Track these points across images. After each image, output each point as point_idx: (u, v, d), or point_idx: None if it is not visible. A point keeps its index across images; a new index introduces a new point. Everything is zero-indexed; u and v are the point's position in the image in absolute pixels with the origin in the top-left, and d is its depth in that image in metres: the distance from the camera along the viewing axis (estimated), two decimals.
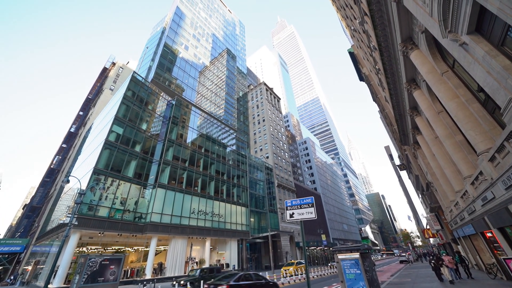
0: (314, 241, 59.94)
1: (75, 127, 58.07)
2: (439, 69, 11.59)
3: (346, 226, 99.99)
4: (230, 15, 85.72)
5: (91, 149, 30.63)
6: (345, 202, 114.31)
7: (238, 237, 37.05)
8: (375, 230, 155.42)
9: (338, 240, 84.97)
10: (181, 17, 55.81)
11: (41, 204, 47.74)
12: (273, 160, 59.63)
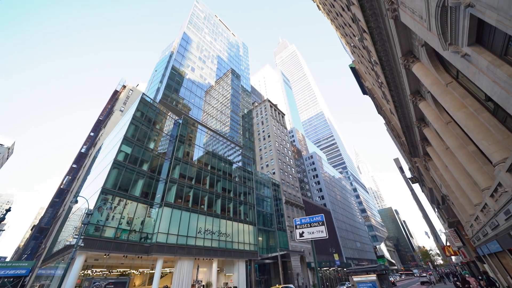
0: (326, 261, 56.86)
1: (86, 148, 59.71)
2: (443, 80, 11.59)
3: (359, 244, 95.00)
4: (234, 38, 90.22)
5: (100, 169, 31.14)
6: (357, 218, 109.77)
7: (246, 257, 35.57)
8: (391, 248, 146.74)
9: (351, 259, 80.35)
10: (188, 41, 59.08)
11: (49, 225, 47.82)
12: (280, 176, 58.85)
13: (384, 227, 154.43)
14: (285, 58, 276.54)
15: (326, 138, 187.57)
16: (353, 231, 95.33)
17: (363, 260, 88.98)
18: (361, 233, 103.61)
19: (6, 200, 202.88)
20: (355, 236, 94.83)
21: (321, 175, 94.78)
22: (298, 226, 9.06)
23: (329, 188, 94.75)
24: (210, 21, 78.48)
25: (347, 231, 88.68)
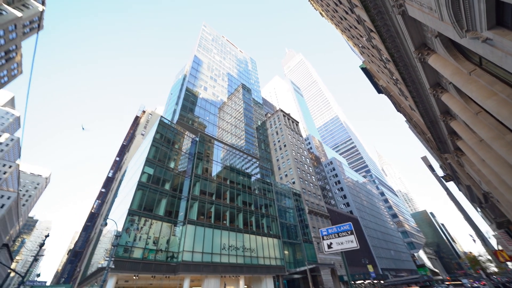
0: (359, 273, 52.94)
1: (112, 172, 63.35)
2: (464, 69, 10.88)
3: (394, 252, 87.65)
4: (242, 54, 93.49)
5: (126, 191, 32.65)
6: (388, 224, 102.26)
7: (273, 273, 34.26)
8: (431, 255, 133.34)
9: (388, 270, 73.99)
10: (199, 63, 62.24)
11: (83, 249, 50.29)
12: (300, 185, 57.38)
13: (421, 232, 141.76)
14: (293, 67, 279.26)
15: (345, 142, 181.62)
16: (386, 239, 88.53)
17: (401, 271, 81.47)
18: (395, 241, 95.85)
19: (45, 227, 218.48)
20: (389, 244, 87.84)
21: (344, 181, 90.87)
22: (325, 237, 8.55)
23: (354, 194, 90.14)
24: (218, 41, 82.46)
25: (379, 240, 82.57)
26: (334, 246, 8.27)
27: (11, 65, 47.21)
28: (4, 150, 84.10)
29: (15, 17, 41.76)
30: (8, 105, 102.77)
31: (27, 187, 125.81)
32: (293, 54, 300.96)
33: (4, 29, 40.51)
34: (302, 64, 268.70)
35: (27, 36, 50.26)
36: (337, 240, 8.21)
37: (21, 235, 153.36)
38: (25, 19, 46.34)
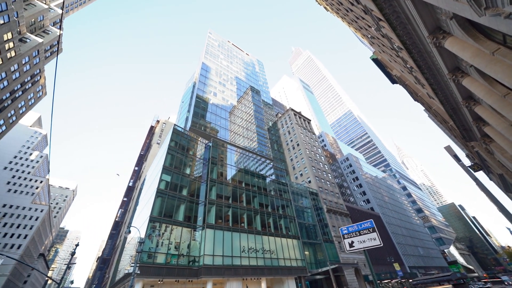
0: (385, 272, 50.73)
1: (132, 181, 66.00)
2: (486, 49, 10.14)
3: (422, 249, 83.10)
4: (248, 57, 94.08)
5: (146, 199, 33.85)
6: (413, 220, 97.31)
7: (295, 274, 33.78)
8: (464, 251, 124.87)
9: (416, 268, 70.27)
10: (207, 70, 63.45)
11: (110, 256, 52.67)
12: (316, 183, 56.32)
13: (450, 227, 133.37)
14: (301, 65, 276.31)
15: (360, 136, 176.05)
16: (412, 235, 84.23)
17: (431, 268, 76.97)
18: (422, 237, 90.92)
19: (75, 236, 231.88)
20: (416, 241, 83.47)
21: (362, 177, 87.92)
22: (346, 236, 8.24)
23: (374, 190, 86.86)
24: (224, 47, 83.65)
25: (404, 236, 78.76)
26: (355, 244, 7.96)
27: (36, 87, 51.00)
28: (35, 167, 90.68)
29: (37, 44, 45.15)
30: (35, 125, 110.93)
31: (57, 200, 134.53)
32: (300, 52, 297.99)
33: (29, 56, 43.94)
34: (310, 61, 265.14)
35: (48, 60, 54.09)
36: (358, 238, 7.88)
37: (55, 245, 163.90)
38: (46, 44, 49.93)
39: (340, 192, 70.57)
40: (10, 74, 40.81)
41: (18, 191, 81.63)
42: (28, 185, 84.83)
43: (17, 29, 40.34)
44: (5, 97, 42.05)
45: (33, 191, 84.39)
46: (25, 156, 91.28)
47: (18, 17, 40.59)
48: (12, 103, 44.69)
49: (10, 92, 42.69)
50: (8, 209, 75.99)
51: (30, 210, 79.57)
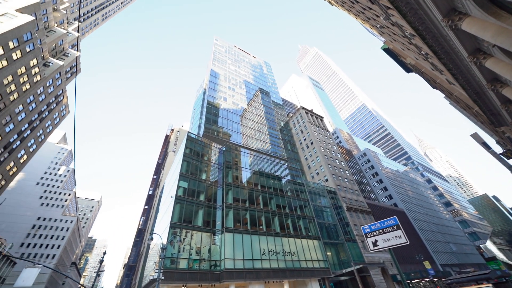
0: (415, 271, 48.02)
1: (152, 190, 68.33)
2: (510, 26, 9.38)
3: (454, 246, 77.81)
4: (255, 59, 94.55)
5: (165, 206, 34.84)
6: (441, 214, 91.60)
7: (318, 276, 32.98)
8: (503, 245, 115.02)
9: (449, 266, 65.85)
10: (216, 76, 64.57)
11: (136, 263, 54.67)
12: (334, 181, 54.91)
13: (484, 220, 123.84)
14: (309, 63, 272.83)
15: (376, 130, 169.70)
16: (441, 231, 79.21)
17: (466, 266, 71.73)
18: (453, 232, 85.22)
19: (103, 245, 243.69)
20: (446, 237, 78.37)
21: (382, 172, 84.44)
22: (369, 235, 7.87)
23: (396, 185, 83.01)
24: (231, 52, 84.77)
25: (433, 232, 74.26)
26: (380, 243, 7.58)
27: (60, 107, 54.73)
28: (63, 181, 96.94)
29: (59, 66, 48.57)
30: (61, 142, 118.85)
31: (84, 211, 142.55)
32: (307, 49, 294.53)
33: (52, 78, 47.35)
34: (318, 57, 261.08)
35: (69, 80, 57.90)
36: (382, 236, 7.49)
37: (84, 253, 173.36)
38: (66, 66, 53.53)
39: (360, 189, 68.24)
40: (37, 96, 44.16)
41: (50, 205, 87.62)
42: (58, 198, 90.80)
43: (41, 54, 43.67)
44: (34, 118, 45.51)
45: (63, 203, 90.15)
46: (54, 171, 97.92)
47: (41, 44, 43.96)
48: (40, 123, 48.23)
49: (38, 113, 46.15)
50: (42, 222, 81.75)
51: (61, 221, 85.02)
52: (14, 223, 76.73)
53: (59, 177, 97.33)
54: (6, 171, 41.95)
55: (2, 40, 33.24)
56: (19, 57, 37.19)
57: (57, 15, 54.33)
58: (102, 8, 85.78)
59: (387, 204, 75.31)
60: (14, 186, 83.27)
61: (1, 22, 34.50)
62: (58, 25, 55.39)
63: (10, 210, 77.27)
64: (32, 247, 75.46)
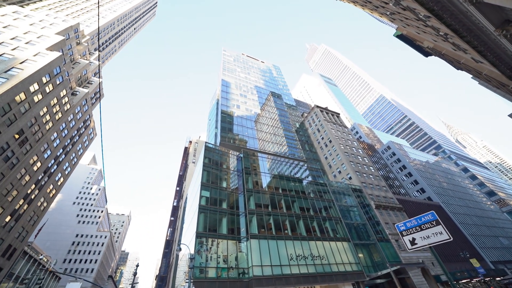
0: (461, 270, 43.74)
1: (176, 201, 70.48)
2: None
3: (506, 240, 69.84)
4: (264, 64, 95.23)
5: (190, 216, 35.63)
6: (484, 205, 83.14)
7: (351, 280, 31.30)
8: None
9: (503, 263, 59.07)
10: (227, 85, 65.91)
11: (166, 273, 56.18)
12: (358, 179, 52.54)
13: None
14: (318, 60, 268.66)
15: (399, 121, 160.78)
16: (487, 224, 71.68)
17: None
18: (501, 225, 76.72)
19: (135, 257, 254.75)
20: (494, 230, 70.71)
21: (410, 164, 79.25)
22: (404, 233, 7.22)
23: (427, 177, 77.27)
24: (239, 60, 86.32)
25: (477, 226, 67.47)
26: (418, 241, 6.92)
27: (88, 131, 59.22)
28: (96, 199, 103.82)
29: (84, 94, 52.84)
30: (91, 163, 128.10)
31: (116, 226, 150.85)
32: (315, 47, 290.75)
33: (79, 105, 51.56)
34: (327, 53, 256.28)
35: (94, 105, 62.63)
36: (420, 234, 6.83)
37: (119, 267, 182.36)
38: (90, 93, 58.06)
39: (387, 184, 64.52)
40: (68, 123, 48.22)
41: (85, 222, 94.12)
42: (92, 216, 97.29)
43: (69, 85, 47.87)
44: (67, 143, 49.61)
45: (97, 220, 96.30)
46: (87, 190, 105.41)
47: (68, 76, 48.28)
48: (72, 147, 52.42)
49: (70, 138, 50.27)
50: (80, 238, 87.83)
51: (96, 237, 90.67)
52: (56, 241, 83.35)
53: (91, 195, 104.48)
54: (47, 193, 45.91)
55: (37, 76, 37.01)
56: (51, 90, 41.05)
57: (80, 48, 59.51)
58: (118, 36, 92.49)
59: (420, 198, 70.18)
60: (54, 207, 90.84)
61: (36, 61, 38.53)
62: (81, 56, 60.58)
63: (53, 229, 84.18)
64: (73, 263, 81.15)
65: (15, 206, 37.12)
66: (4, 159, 33.18)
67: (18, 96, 34.04)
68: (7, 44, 38.99)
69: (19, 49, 39.21)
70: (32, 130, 37.91)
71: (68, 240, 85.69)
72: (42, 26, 49.84)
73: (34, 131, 38.33)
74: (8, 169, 34.26)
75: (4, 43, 38.87)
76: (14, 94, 33.11)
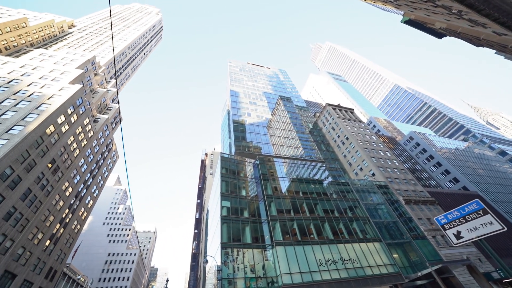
0: None
1: (198, 214, 71.35)
2: None
3: None
4: (270, 70, 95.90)
5: (213, 228, 35.70)
6: None
7: (388, 283, 29.18)
8: None
9: None
10: (236, 95, 66.94)
11: (195, 287, 56.25)
12: (382, 174, 49.94)
13: None
14: (324, 58, 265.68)
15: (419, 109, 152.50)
16: None
17: None
18: None
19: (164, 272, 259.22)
20: None
21: (437, 154, 74.10)
22: (446, 226, 6.48)
23: (459, 165, 71.58)
24: (245, 69, 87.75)
25: None
26: (465, 234, 6.17)
27: (111, 154, 62.62)
28: (123, 218, 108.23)
29: (105, 120, 56.31)
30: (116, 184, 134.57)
31: (143, 242, 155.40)
32: (320, 46, 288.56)
33: (102, 131, 54.93)
34: (333, 50, 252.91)
35: (115, 130, 66.35)
36: (466, 226, 6.08)
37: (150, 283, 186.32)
38: (110, 118, 61.71)
39: (415, 177, 60.59)
40: (92, 149, 51.34)
41: (116, 241, 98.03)
42: (121, 234, 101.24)
43: (91, 113, 51.30)
44: (93, 167, 52.68)
45: (125, 238, 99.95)
46: (115, 210, 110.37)
47: (90, 105, 51.84)
48: (98, 171, 55.51)
49: (95, 162, 53.36)
50: (112, 257, 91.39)
51: (126, 255, 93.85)
52: (91, 261, 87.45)
53: (119, 215, 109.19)
54: (79, 216, 48.63)
55: (62, 109, 40.14)
56: (76, 120, 44.19)
57: (98, 78, 63.99)
58: (130, 63, 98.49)
59: (454, 189, 64.92)
60: (86, 229, 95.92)
61: (61, 95, 41.92)
62: (99, 85, 65.03)
63: (86, 249, 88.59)
64: (108, 281, 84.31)
65: (52, 230, 39.64)
66: (40, 187, 35.83)
67: (48, 129, 36.97)
68: (36, 84, 42.93)
69: (46, 86, 42.97)
70: (62, 158, 40.77)
71: (101, 260, 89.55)
72: (64, 63, 54.48)
73: (64, 159, 41.20)
74: (44, 196, 36.89)
75: (34, 83, 42.85)
76: (45, 127, 36.04)
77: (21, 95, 39.03)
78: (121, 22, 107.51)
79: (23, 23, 66.10)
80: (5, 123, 33.18)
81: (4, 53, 59.94)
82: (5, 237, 30.40)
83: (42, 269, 37.68)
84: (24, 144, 32.18)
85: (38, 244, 36.34)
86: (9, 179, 30.14)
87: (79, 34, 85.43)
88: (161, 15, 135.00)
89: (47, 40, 74.78)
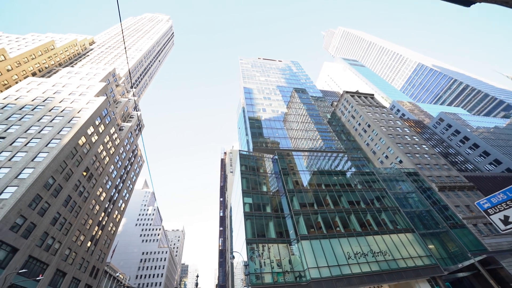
0: None
1: (222, 211, 73.09)
2: None
3: None
4: (282, 63, 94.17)
5: (237, 224, 36.29)
6: None
7: (425, 275, 27.43)
8: None
9: None
10: (249, 92, 66.82)
11: (225, 282, 57.97)
12: (411, 161, 46.84)
13: None
14: (338, 44, 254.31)
15: (448, 87, 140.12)
16: None
17: None
18: None
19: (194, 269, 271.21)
20: None
21: (473, 134, 67.57)
22: (491, 211, 5.74)
23: (501, 146, 64.61)
24: (257, 65, 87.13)
25: None
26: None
27: (137, 159, 66.40)
28: (153, 219, 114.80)
29: (129, 127, 59.69)
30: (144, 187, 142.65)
31: (173, 241, 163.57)
32: (332, 32, 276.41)
33: (127, 138, 58.38)
34: (347, 34, 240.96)
35: (138, 136, 70.09)
36: None
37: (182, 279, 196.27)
38: (133, 126, 65.20)
39: (449, 162, 56.01)
40: (120, 155, 54.75)
41: (148, 240, 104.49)
42: (152, 234, 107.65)
43: (116, 122, 54.60)
44: (122, 173, 56.26)
45: (156, 238, 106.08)
46: (145, 212, 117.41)
47: (114, 115, 55.17)
48: (127, 176, 59.18)
49: (124, 168, 56.93)
50: (146, 256, 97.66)
51: (158, 253, 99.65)
52: (127, 259, 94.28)
53: (149, 216, 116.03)
54: (114, 218, 52.41)
55: (91, 121, 43.20)
56: (103, 129, 47.34)
57: (119, 89, 67.79)
58: (147, 71, 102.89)
59: (495, 172, 58.85)
60: (121, 230, 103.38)
61: (88, 108, 45.12)
62: (121, 96, 68.89)
63: (123, 249, 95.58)
64: (144, 278, 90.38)
65: (92, 233, 43.24)
66: (78, 194, 39.14)
67: (81, 140, 40.08)
68: (67, 99, 46.64)
69: (75, 101, 46.50)
70: (95, 166, 44.05)
71: (136, 258, 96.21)
72: (89, 78, 58.46)
73: (96, 166, 44.49)
74: (82, 201, 40.26)
75: (65, 99, 46.60)
76: (77, 138, 39.12)
77: (55, 111, 42.69)
78: (135, 33, 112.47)
79: (51, 46, 72.02)
80: (44, 138, 36.58)
81: (38, 75, 65.94)
82: (54, 239, 33.77)
83: (87, 267, 41.38)
84: (61, 155, 35.24)
85: (81, 245, 39.90)
86: (52, 187, 33.29)
87: (99, 49, 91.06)
88: (171, 21, 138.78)
89: (72, 58, 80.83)
